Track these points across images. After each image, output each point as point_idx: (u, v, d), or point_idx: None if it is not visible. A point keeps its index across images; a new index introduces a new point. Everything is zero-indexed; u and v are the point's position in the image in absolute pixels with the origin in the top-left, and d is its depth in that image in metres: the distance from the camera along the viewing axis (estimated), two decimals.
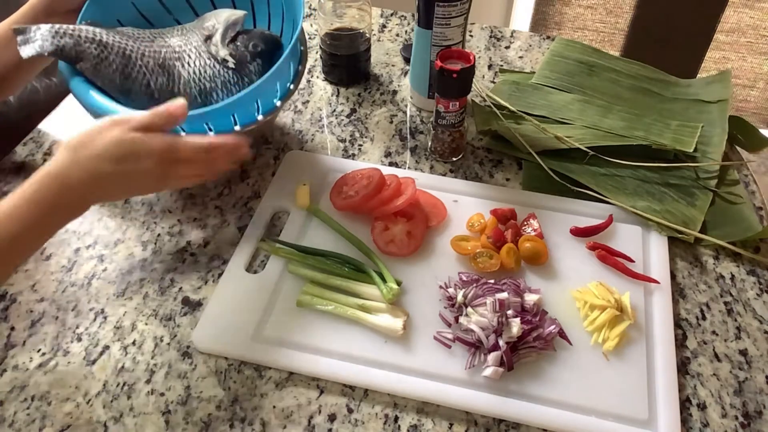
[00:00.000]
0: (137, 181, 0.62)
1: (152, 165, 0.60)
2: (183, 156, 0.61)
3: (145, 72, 0.73)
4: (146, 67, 0.73)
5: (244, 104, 0.70)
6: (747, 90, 2.21)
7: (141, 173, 0.60)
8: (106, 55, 0.70)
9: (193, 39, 0.76)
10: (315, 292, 0.67)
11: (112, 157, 0.58)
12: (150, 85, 0.73)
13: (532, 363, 0.62)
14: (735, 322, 0.68)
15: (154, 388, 0.62)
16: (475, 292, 0.65)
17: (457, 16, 0.81)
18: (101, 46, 0.70)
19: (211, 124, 0.68)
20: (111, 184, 0.60)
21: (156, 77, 0.73)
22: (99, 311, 0.68)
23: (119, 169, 0.59)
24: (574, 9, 2.26)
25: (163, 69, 0.74)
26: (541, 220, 0.75)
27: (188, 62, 0.75)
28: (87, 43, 0.69)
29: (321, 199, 0.78)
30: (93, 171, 0.58)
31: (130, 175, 0.60)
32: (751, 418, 0.61)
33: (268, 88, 0.72)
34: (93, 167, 0.58)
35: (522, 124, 0.88)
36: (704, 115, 0.91)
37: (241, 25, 0.78)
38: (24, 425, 0.59)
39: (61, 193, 0.57)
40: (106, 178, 0.59)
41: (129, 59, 0.72)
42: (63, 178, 0.57)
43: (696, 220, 0.76)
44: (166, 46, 0.75)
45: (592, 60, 1.00)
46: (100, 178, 0.58)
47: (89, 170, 0.58)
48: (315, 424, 0.59)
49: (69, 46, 0.68)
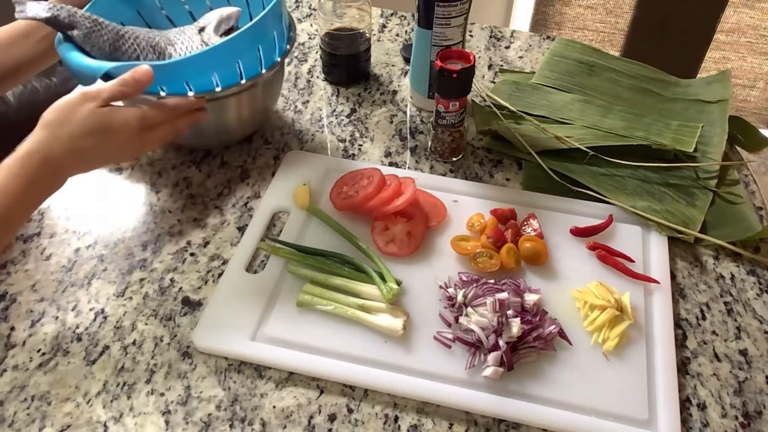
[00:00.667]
0: (115, 151, 0.67)
1: (128, 135, 0.65)
2: (154, 121, 0.67)
3: (136, 48, 0.75)
4: (138, 45, 0.75)
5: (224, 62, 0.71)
6: (747, 90, 2.21)
7: (118, 144, 0.65)
8: (98, 29, 0.73)
9: (188, 31, 0.80)
10: (315, 292, 0.67)
11: (90, 132, 0.63)
12: (140, 59, 0.75)
13: (532, 363, 0.62)
14: (735, 322, 0.68)
15: (154, 388, 0.62)
16: (475, 292, 0.65)
17: (457, 16, 0.81)
18: (95, 23, 0.73)
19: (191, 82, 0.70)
20: (90, 156, 0.65)
21: (147, 54, 0.76)
22: (99, 311, 0.68)
23: (97, 143, 0.63)
24: (574, 9, 2.26)
25: (155, 49, 0.76)
26: (541, 220, 0.75)
27: (179, 47, 0.78)
28: (82, 18, 0.71)
29: (321, 199, 0.78)
30: (73, 147, 0.62)
31: (108, 146, 0.65)
32: (751, 418, 0.61)
33: (247, 48, 0.73)
34: (72, 144, 0.62)
35: (522, 124, 0.88)
36: (704, 115, 0.91)
37: (236, 20, 0.81)
38: (24, 425, 0.59)
39: (44, 169, 0.61)
40: (86, 152, 0.63)
41: (122, 37, 0.75)
42: (45, 154, 0.61)
43: (696, 220, 0.76)
44: (161, 36, 0.78)
45: (592, 60, 1.00)
46: (79, 152, 0.63)
47: (69, 147, 0.62)
48: (315, 424, 0.59)
49: (63, 15, 0.70)
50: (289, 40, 0.80)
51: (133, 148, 0.68)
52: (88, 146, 0.63)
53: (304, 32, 1.08)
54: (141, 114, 0.66)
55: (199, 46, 0.78)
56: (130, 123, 0.64)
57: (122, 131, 0.64)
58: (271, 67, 0.76)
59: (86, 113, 0.62)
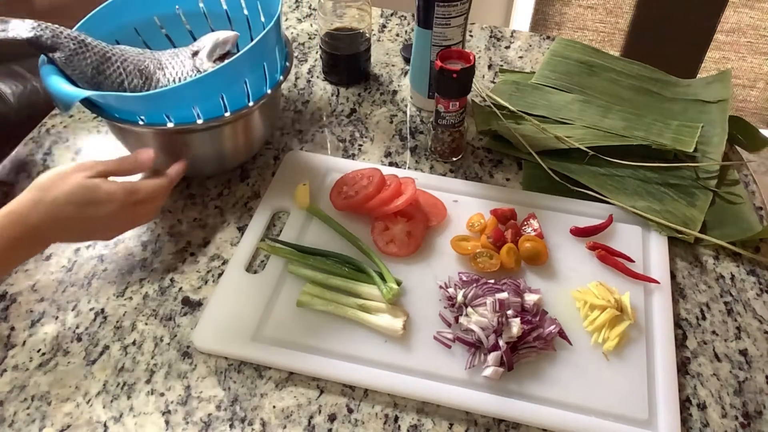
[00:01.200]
0: (98, 225, 0.64)
1: (113, 210, 0.63)
2: (142, 197, 0.65)
3: (122, 72, 0.73)
4: (124, 69, 0.73)
5: (207, 95, 0.69)
6: (747, 90, 2.21)
7: (102, 218, 0.63)
8: (82, 51, 0.70)
9: (182, 54, 0.77)
10: (315, 292, 0.67)
11: (74, 201, 0.61)
12: (123, 84, 0.73)
13: (532, 363, 0.62)
14: (735, 322, 0.68)
15: (154, 388, 0.62)
16: (475, 292, 0.65)
17: (457, 16, 0.81)
18: (81, 44, 0.70)
19: (171, 114, 0.68)
20: (72, 227, 0.63)
21: (132, 78, 0.74)
22: (99, 311, 0.68)
23: (81, 214, 0.61)
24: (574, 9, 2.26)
25: (142, 74, 0.74)
26: (541, 220, 0.75)
27: (169, 72, 0.75)
28: (66, 39, 0.69)
29: (321, 199, 0.78)
30: (54, 213, 0.60)
31: (92, 219, 0.62)
32: (751, 418, 0.61)
33: (233, 81, 0.70)
34: (54, 210, 0.60)
35: (522, 124, 0.88)
36: (704, 115, 0.91)
37: (233, 45, 0.78)
38: (24, 425, 0.59)
39: (22, 231, 0.59)
40: (66, 221, 0.61)
41: (108, 60, 0.72)
42: (24, 216, 0.59)
43: (696, 220, 0.76)
44: (153, 59, 0.76)
45: (592, 60, 1.00)
46: (60, 220, 0.61)
47: (50, 213, 0.60)
48: (315, 424, 0.59)
49: (46, 36, 0.68)
50: (284, 71, 0.77)
51: (120, 222, 0.66)
52: (70, 215, 0.61)
53: (304, 32, 1.08)
54: (130, 188, 0.64)
55: (190, 72, 0.75)
56: (117, 196, 0.63)
57: (108, 203, 0.62)
58: (259, 100, 0.73)
59: (74, 182, 0.61)
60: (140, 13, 0.81)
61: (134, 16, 0.81)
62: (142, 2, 0.80)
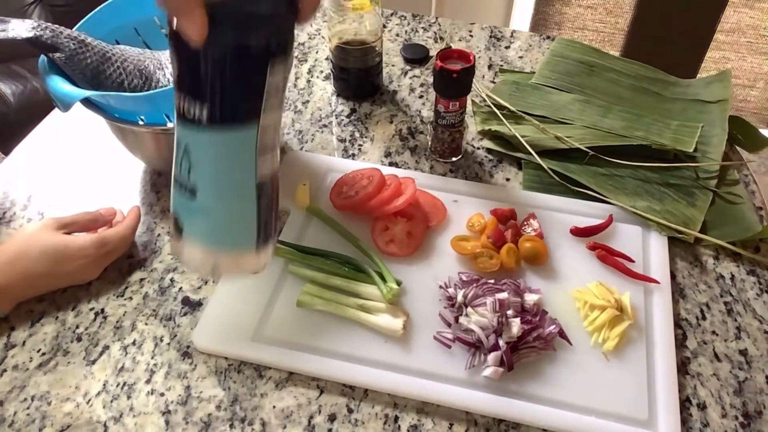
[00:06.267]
0: (68, 277, 0.68)
1: (85, 262, 0.66)
2: (111, 248, 0.69)
3: (122, 72, 0.73)
4: (124, 69, 0.73)
5: None
6: (747, 90, 2.21)
7: (73, 269, 0.66)
8: (83, 51, 0.71)
9: None
10: (315, 292, 0.67)
11: (45, 258, 0.64)
12: (123, 84, 0.73)
13: (532, 363, 0.62)
14: (735, 322, 0.68)
15: (154, 388, 0.62)
16: (475, 292, 0.65)
17: None
18: (81, 44, 0.70)
19: (171, 114, 0.68)
20: (41, 282, 0.66)
21: (132, 78, 0.74)
22: (99, 311, 0.68)
23: (50, 269, 0.65)
24: (574, 9, 2.26)
25: (142, 74, 0.74)
26: (541, 220, 0.75)
27: (170, 72, 0.75)
28: (66, 39, 0.69)
29: (321, 199, 0.78)
30: (25, 272, 0.64)
31: (62, 272, 0.66)
32: (751, 418, 0.61)
33: None
34: (24, 268, 0.64)
35: (522, 124, 0.88)
36: (704, 115, 0.91)
37: None
38: (24, 425, 0.59)
39: None
40: (37, 279, 0.65)
41: (108, 60, 0.72)
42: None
43: (696, 220, 0.76)
44: (153, 59, 0.76)
45: (592, 60, 1.00)
46: (32, 278, 0.65)
47: (21, 271, 0.64)
48: (315, 424, 0.59)
49: (46, 36, 0.69)
50: None
51: (90, 271, 0.68)
52: (40, 272, 0.65)
53: (305, 32, 1.08)
54: (98, 240, 0.67)
55: None
56: (87, 250, 0.66)
57: (79, 257, 0.66)
58: None
59: (44, 241, 0.65)
60: (140, 13, 0.81)
61: (134, 16, 0.80)
62: (142, 2, 0.80)
